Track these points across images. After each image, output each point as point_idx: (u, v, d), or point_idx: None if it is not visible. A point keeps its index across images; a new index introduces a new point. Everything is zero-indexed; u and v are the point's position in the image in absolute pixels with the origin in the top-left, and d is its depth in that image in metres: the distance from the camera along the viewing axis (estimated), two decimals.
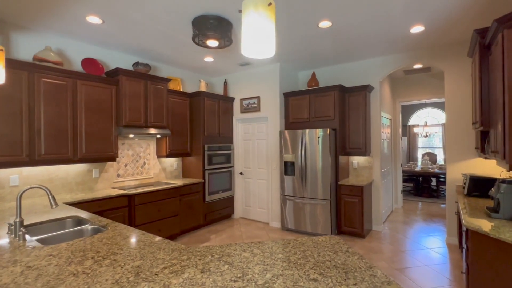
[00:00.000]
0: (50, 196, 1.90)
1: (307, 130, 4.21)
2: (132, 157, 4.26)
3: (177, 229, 4.11)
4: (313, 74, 4.61)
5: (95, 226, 2.15)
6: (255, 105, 4.94)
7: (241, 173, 5.26)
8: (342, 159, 4.37)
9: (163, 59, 4.41)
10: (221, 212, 4.98)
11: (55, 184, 3.45)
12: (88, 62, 3.63)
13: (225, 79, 5.35)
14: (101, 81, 3.58)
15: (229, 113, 5.22)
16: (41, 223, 2.18)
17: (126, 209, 3.55)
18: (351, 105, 4.38)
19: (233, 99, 5.28)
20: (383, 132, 4.79)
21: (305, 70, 5.17)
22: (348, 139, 4.40)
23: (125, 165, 4.17)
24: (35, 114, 3.04)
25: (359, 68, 4.60)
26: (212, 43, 3.05)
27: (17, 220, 1.81)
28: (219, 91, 5.53)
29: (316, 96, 4.40)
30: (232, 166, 5.25)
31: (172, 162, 4.85)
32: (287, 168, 4.42)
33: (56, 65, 3.27)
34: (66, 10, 2.85)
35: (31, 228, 2.10)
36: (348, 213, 4.13)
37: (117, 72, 3.71)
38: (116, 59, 4.10)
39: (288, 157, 4.39)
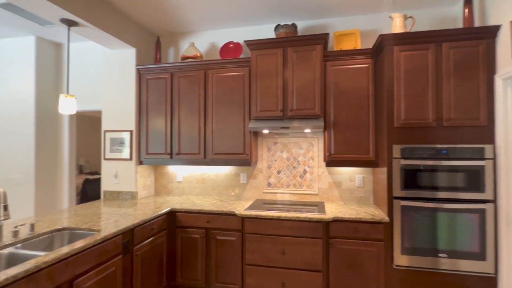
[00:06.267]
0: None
1: None
2: (288, 161, 3.06)
3: None
4: None
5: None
6: None
7: None
8: None
9: (314, 4, 2.67)
10: None
11: (206, 185, 3.30)
12: (223, 48, 3.09)
13: None
14: (231, 65, 2.86)
15: (475, 70, 2.10)
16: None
17: (239, 234, 2.53)
18: None
19: (492, 30, 2.06)
20: None
21: None
22: None
23: (278, 172, 3.08)
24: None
25: None
26: None
27: None
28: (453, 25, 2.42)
29: None
30: (493, 201, 2.07)
31: (351, 174, 2.89)
32: None
33: (195, 59, 3.08)
34: None
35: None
36: None
37: (248, 47, 2.79)
38: (263, 32, 3.16)
39: None
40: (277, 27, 2.78)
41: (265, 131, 2.79)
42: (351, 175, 2.88)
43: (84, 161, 7.69)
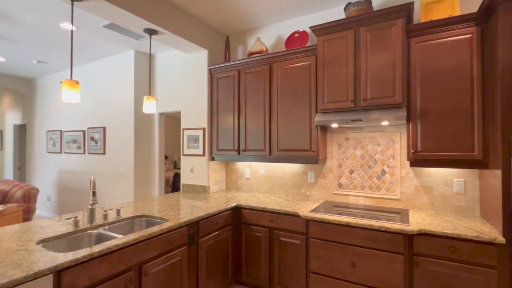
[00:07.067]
0: None
1: None
2: (362, 160, 2.67)
3: None
4: None
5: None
6: None
7: None
8: None
9: None
10: None
11: (273, 182, 3.22)
12: (289, 39, 2.92)
13: None
14: (296, 55, 2.69)
15: None
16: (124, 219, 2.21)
17: (303, 238, 2.34)
18: None
19: None
20: None
21: None
22: None
23: (350, 172, 2.73)
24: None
25: None
26: None
27: (89, 207, 2.01)
28: None
29: None
30: None
31: (447, 177, 2.28)
32: None
33: (260, 54, 3.03)
34: None
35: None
36: None
37: (312, 34, 2.55)
38: (332, 16, 2.83)
39: None
40: (347, 6, 2.44)
41: (334, 125, 2.49)
42: (447, 178, 2.29)
43: (178, 157, 8.77)
